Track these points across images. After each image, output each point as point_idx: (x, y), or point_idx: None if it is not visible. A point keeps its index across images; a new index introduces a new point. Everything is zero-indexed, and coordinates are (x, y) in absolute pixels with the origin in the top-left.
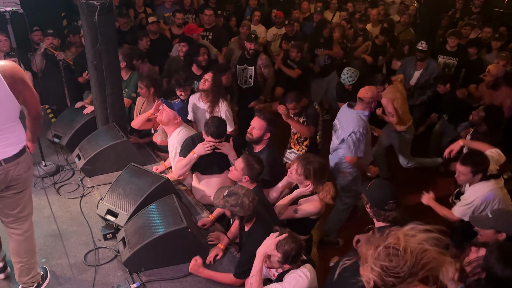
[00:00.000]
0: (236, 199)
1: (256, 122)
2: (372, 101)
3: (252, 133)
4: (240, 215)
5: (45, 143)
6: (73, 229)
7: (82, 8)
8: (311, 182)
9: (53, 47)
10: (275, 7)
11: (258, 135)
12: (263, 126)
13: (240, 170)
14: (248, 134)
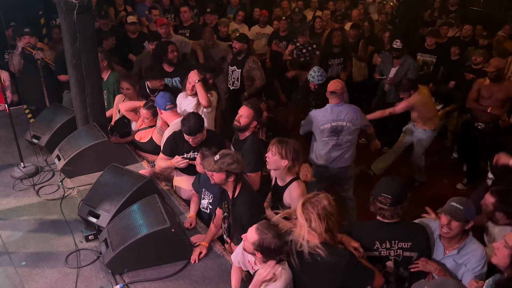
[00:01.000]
0: (231, 157)
1: (244, 111)
2: (343, 91)
3: (240, 121)
4: (237, 171)
5: (24, 144)
6: (53, 231)
7: (60, 7)
8: (288, 161)
9: (30, 46)
10: (257, 6)
11: (245, 123)
12: (250, 115)
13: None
14: (235, 121)
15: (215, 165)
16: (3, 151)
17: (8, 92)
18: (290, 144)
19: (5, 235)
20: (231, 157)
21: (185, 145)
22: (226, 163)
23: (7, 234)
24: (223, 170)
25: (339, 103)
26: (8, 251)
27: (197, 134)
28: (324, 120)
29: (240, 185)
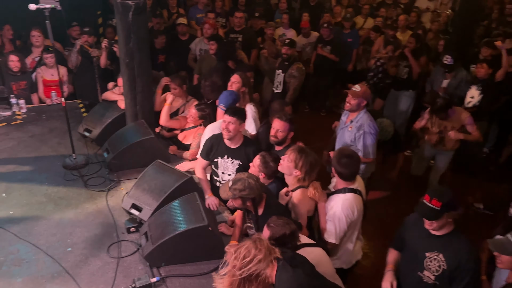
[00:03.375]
0: (242, 183)
1: (280, 124)
2: None
3: (277, 135)
4: (251, 197)
5: (76, 136)
6: (98, 221)
7: (117, 8)
8: (300, 174)
9: (88, 45)
10: (306, 11)
11: (282, 136)
12: (286, 128)
13: (256, 166)
14: (272, 137)
15: (229, 191)
16: (57, 142)
17: (65, 86)
18: (309, 157)
19: (54, 222)
20: (242, 183)
21: (221, 149)
22: (238, 190)
23: (56, 220)
24: (237, 197)
25: None
26: (56, 237)
27: (235, 115)
28: None
29: (262, 206)
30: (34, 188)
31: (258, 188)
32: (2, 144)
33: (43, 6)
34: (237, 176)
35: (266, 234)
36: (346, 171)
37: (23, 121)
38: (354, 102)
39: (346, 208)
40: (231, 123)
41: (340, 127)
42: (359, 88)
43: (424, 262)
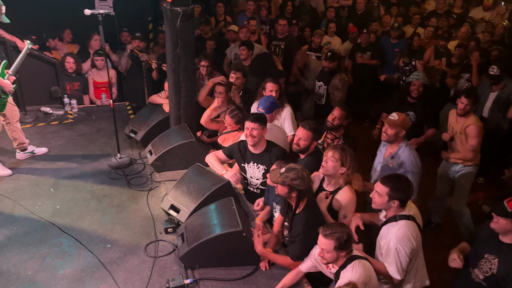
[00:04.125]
0: (296, 173)
1: (302, 133)
2: None
3: (299, 144)
4: (301, 188)
5: (122, 137)
6: (138, 220)
7: (166, 14)
8: (346, 169)
9: (138, 49)
10: (353, 20)
11: (305, 145)
12: (309, 136)
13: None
14: (294, 145)
15: (279, 177)
16: (104, 142)
17: (114, 88)
18: (350, 152)
19: (96, 218)
20: (296, 173)
21: (248, 156)
22: (289, 178)
23: (98, 217)
24: (286, 184)
25: None
26: (97, 233)
27: (258, 121)
28: None
29: (304, 202)
30: (79, 184)
31: (309, 183)
32: (53, 141)
33: (97, 12)
34: (291, 165)
35: (328, 245)
36: (402, 196)
37: (74, 121)
38: (392, 132)
39: (402, 239)
40: (254, 129)
41: (379, 161)
42: (396, 116)
43: (479, 261)
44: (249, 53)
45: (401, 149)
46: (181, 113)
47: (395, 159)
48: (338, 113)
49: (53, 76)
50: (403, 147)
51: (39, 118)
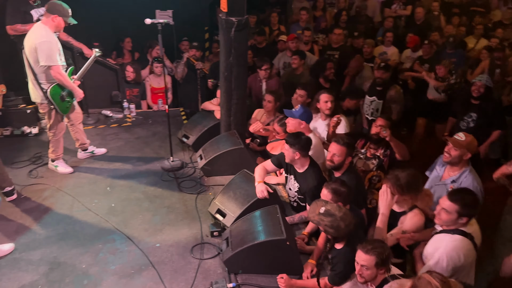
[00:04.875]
0: (332, 221)
1: (337, 149)
2: None
3: (333, 160)
4: (334, 236)
5: (175, 141)
6: (186, 221)
7: (221, 24)
8: (409, 197)
9: (194, 58)
10: (412, 30)
11: (339, 161)
12: (343, 152)
13: (330, 199)
14: (328, 161)
15: (316, 216)
16: (158, 145)
17: (169, 93)
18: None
19: (147, 218)
20: (332, 221)
21: (291, 169)
22: (324, 223)
23: (149, 217)
24: (321, 225)
25: None
26: (147, 232)
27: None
28: None
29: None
30: (134, 185)
31: (345, 233)
32: (112, 143)
33: (157, 21)
34: (332, 209)
35: (370, 260)
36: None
37: (131, 124)
38: (456, 153)
39: (451, 252)
40: (286, 150)
41: (435, 182)
42: (463, 137)
43: None
44: (301, 62)
45: (464, 174)
46: (231, 119)
47: (456, 184)
48: (337, 150)
49: (114, 82)
50: (466, 172)
51: (100, 120)
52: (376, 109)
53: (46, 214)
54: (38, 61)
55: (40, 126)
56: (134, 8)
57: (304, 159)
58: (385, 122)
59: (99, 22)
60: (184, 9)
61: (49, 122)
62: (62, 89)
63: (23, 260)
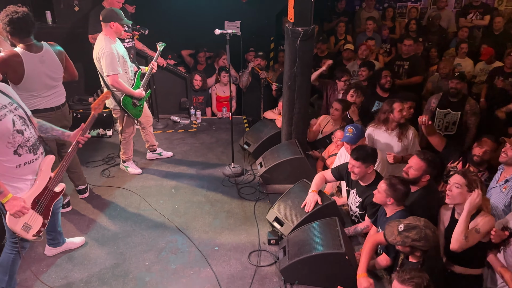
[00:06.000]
0: (418, 232)
1: (415, 162)
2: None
3: (408, 172)
4: (425, 249)
5: (237, 148)
6: (244, 227)
7: (287, 33)
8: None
9: (259, 67)
10: (489, 40)
11: (414, 175)
12: (421, 167)
13: (382, 191)
14: (403, 173)
15: (398, 236)
16: (221, 151)
17: (233, 102)
18: (474, 174)
19: (208, 221)
20: (418, 232)
21: (353, 182)
22: (411, 238)
23: (210, 220)
24: (407, 245)
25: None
26: (207, 235)
27: (359, 160)
28: None
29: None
30: (196, 188)
31: (435, 241)
32: (178, 147)
33: (225, 32)
34: (412, 221)
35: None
36: None
37: (197, 130)
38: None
39: None
40: (355, 167)
41: (491, 186)
42: None
43: None
44: (369, 73)
45: None
46: (292, 129)
47: (509, 183)
48: (414, 163)
49: (183, 89)
50: None
51: (169, 125)
52: (452, 122)
53: (115, 212)
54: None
55: (114, 129)
56: (205, 19)
57: (372, 172)
58: (492, 145)
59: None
60: (251, 20)
61: (121, 125)
62: (132, 97)
63: (92, 254)
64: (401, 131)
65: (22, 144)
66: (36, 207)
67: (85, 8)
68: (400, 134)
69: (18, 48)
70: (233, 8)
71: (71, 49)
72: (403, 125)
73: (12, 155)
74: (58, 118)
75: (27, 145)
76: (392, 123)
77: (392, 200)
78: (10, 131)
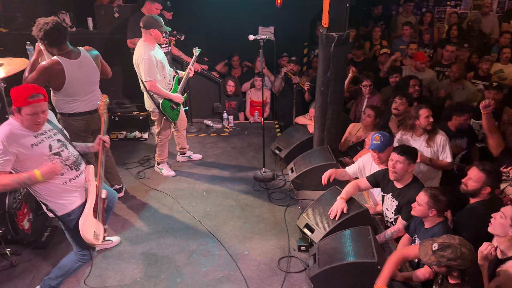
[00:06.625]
0: (453, 251)
1: (474, 174)
2: None
3: (467, 184)
4: (462, 268)
5: (268, 153)
6: (274, 232)
7: (322, 39)
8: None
9: (292, 72)
10: None
11: (473, 187)
12: (480, 179)
13: (424, 204)
14: (462, 185)
15: (433, 256)
16: (252, 156)
17: (267, 107)
18: None
19: (238, 225)
20: (454, 251)
21: (389, 186)
22: (446, 258)
23: (240, 224)
24: (443, 265)
25: None
26: (237, 239)
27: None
28: None
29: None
30: (227, 192)
31: (472, 259)
32: (210, 151)
33: (259, 37)
34: (446, 240)
35: None
36: None
37: (229, 134)
38: None
39: None
40: (399, 162)
41: None
42: None
43: None
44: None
45: None
46: (324, 134)
47: None
48: (474, 175)
49: (216, 94)
50: None
51: (202, 129)
52: None
53: (149, 213)
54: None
55: (150, 132)
56: (240, 25)
57: (410, 173)
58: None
59: (208, 38)
60: (285, 25)
61: (158, 128)
62: (170, 100)
63: (126, 253)
64: (429, 136)
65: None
66: (96, 216)
67: (124, 14)
68: (428, 140)
69: (57, 57)
70: (267, 14)
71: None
72: (431, 130)
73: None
74: (96, 121)
75: (67, 163)
76: (418, 129)
77: (435, 212)
78: (45, 155)
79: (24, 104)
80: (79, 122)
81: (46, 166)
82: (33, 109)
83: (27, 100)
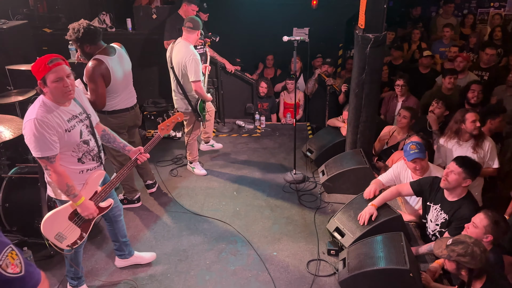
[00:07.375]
0: (464, 247)
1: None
2: None
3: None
4: (470, 267)
5: (299, 155)
6: (303, 235)
7: (357, 40)
8: None
9: (326, 74)
10: None
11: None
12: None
13: (482, 227)
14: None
15: (445, 250)
16: (283, 157)
17: (301, 110)
18: None
19: (267, 225)
20: (465, 248)
21: (438, 197)
22: (456, 252)
23: (269, 225)
24: (452, 260)
25: None
26: (266, 239)
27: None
28: None
29: (482, 281)
30: (257, 192)
31: (482, 262)
32: (241, 151)
33: (293, 38)
34: (461, 237)
35: None
36: None
37: (260, 135)
38: None
39: None
40: (453, 173)
41: None
42: None
43: None
44: (455, 82)
45: None
46: (358, 137)
47: None
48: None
49: (249, 95)
50: None
51: (234, 129)
52: None
53: (181, 210)
54: (188, 76)
55: (183, 131)
56: (274, 26)
57: (465, 188)
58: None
59: (241, 39)
60: (321, 26)
61: (188, 127)
62: (203, 102)
63: (158, 249)
64: (476, 142)
65: (86, 153)
66: (74, 219)
67: (161, 15)
68: (475, 146)
69: (97, 56)
70: (303, 15)
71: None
72: (478, 136)
73: (76, 162)
74: (132, 118)
75: (91, 154)
76: (464, 134)
77: (491, 238)
78: (76, 142)
79: (46, 70)
80: (117, 119)
81: (92, 208)
82: (56, 74)
83: (47, 66)
